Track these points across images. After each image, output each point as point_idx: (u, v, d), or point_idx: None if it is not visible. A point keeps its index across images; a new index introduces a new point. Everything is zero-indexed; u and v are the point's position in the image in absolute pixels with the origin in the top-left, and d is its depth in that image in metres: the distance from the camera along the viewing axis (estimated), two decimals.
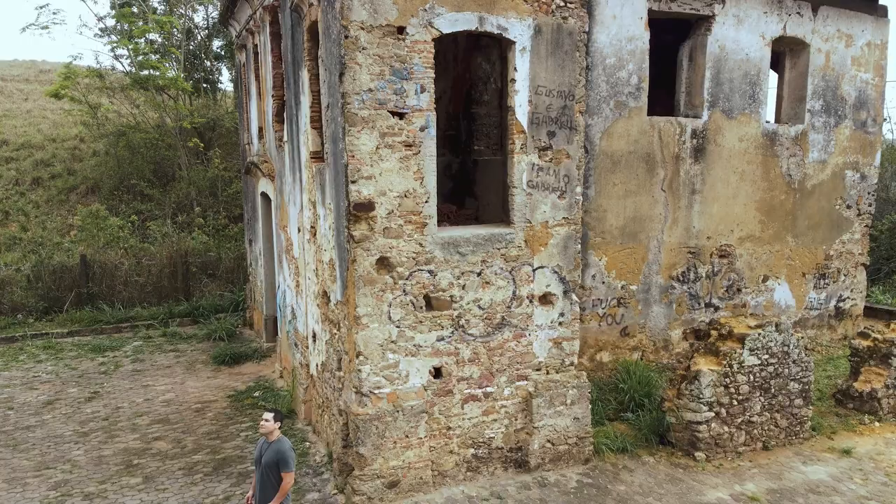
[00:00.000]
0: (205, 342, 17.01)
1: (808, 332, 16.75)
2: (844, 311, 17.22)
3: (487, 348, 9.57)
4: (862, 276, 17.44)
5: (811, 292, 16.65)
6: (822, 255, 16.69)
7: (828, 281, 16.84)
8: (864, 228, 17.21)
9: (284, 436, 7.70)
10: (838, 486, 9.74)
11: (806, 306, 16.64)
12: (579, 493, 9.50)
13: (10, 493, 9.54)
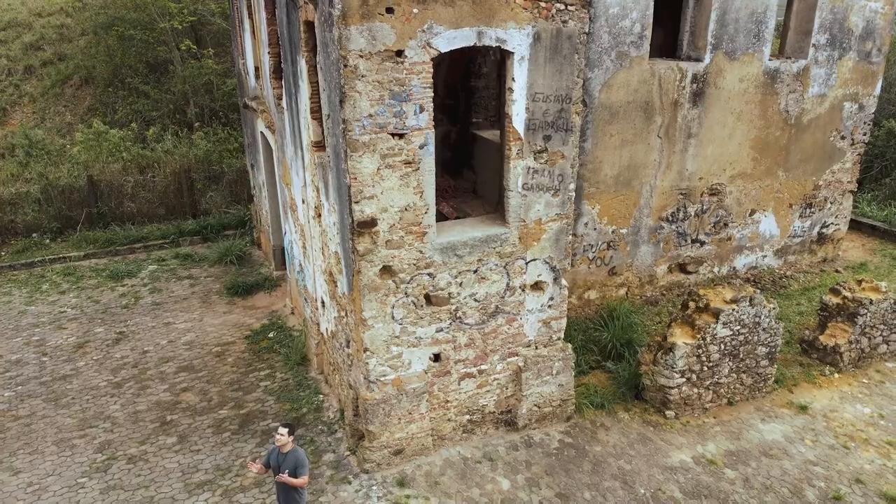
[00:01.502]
0: (217, 266, 17.93)
1: (788, 257, 17.67)
2: (827, 235, 17.97)
3: (482, 333, 10.50)
4: (848, 202, 17.99)
5: (796, 221, 17.31)
6: (811, 185, 17.15)
7: (814, 210, 17.43)
8: (856, 157, 17.50)
9: (299, 445, 8.74)
10: (789, 449, 11.11)
11: (790, 234, 17.38)
12: (560, 454, 10.88)
13: (61, 457, 10.90)
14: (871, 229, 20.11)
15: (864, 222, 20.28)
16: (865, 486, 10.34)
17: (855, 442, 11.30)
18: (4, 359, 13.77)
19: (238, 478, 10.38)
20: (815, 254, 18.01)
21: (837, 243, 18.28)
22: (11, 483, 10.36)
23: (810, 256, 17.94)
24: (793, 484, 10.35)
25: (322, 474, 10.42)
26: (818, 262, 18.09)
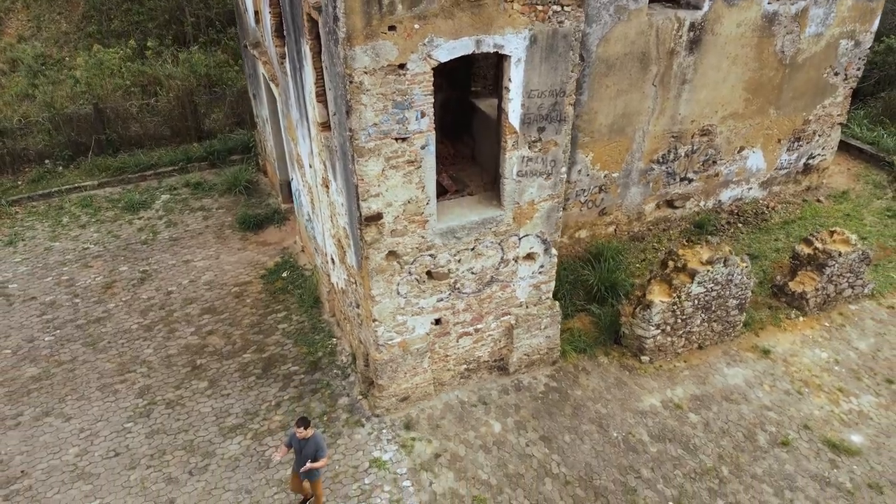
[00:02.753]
0: (227, 196, 18.74)
1: (773, 188, 18.47)
2: (812, 166, 18.65)
3: (478, 299, 11.64)
4: (836, 134, 18.49)
5: (783, 155, 17.94)
6: (800, 121, 17.61)
7: (801, 143, 18.01)
8: (848, 91, 17.80)
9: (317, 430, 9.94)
10: (748, 394, 12.62)
11: (776, 167, 18.07)
12: (545, 398, 12.39)
13: (107, 402, 12.41)
14: (859, 152, 20.67)
15: (852, 145, 20.81)
16: (812, 431, 11.92)
17: (809, 387, 12.80)
18: (39, 300, 15.00)
19: (265, 422, 11.94)
20: (800, 183, 18.78)
21: (822, 172, 18.99)
22: (65, 429, 11.92)
23: (794, 186, 18.71)
24: (747, 428, 11.94)
25: (339, 417, 11.98)
26: (802, 191, 18.89)
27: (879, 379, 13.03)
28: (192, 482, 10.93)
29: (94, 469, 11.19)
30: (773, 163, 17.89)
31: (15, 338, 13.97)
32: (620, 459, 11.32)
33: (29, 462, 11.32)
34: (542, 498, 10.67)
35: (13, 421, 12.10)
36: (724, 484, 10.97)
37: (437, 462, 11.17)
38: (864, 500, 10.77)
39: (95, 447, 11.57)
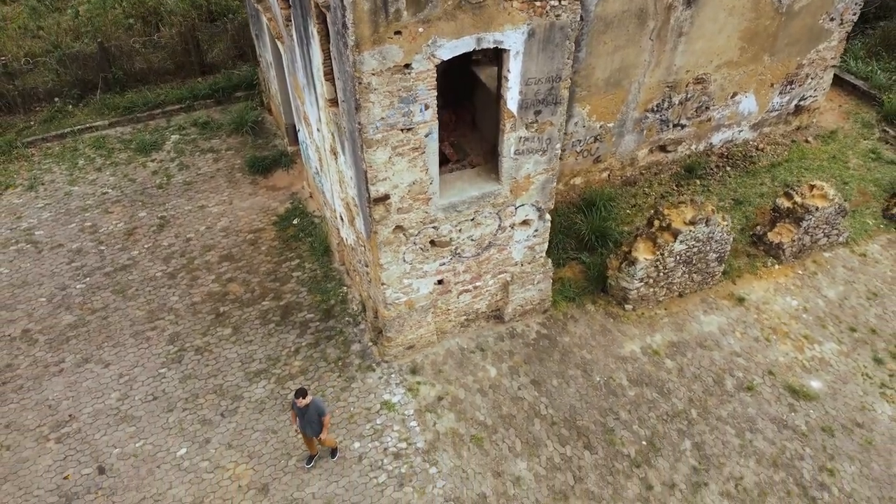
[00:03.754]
0: (234, 136, 19.33)
1: (763, 129, 19.07)
2: (804, 107, 19.15)
3: (477, 262, 12.70)
4: (829, 76, 18.86)
5: (775, 98, 18.43)
6: (794, 65, 17.97)
7: (794, 86, 18.45)
8: (843, 35, 18.01)
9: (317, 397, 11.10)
10: (721, 341, 13.94)
11: (768, 110, 18.61)
12: (537, 344, 13.72)
13: (140, 349, 13.72)
14: (852, 88, 21.04)
15: (846, 80, 21.12)
16: (775, 377, 13.33)
17: (777, 335, 14.11)
18: (66, 248, 16.04)
19: (286, 367, 13.32)
20: (790, 124, 19.35)
21: (813, 112, 19.50)
22: (105, 375, 13.31)
23: (785, 127, 19.30)
24: (717, 374, 13.34)
25: (352, 363, 13.35)
26: (791, 131, 19.48)
27: (843, 327, 14.32)
28: (224, 423, 12.43)
29: (136, 412, 12.66)
30: (765, 106, 18.40)
31: (48, 286, 15.13)
32: (601, 402, 12.78)
33: (75, 406, 12.77)
34: (532, 437, 12.20)
35: (56, 367, 13.47)
36: (692, 425, 12.48)
37: (440, 404, 12.63)
38: (817, 442, 12.31)
39: (135, 391, 13.00)
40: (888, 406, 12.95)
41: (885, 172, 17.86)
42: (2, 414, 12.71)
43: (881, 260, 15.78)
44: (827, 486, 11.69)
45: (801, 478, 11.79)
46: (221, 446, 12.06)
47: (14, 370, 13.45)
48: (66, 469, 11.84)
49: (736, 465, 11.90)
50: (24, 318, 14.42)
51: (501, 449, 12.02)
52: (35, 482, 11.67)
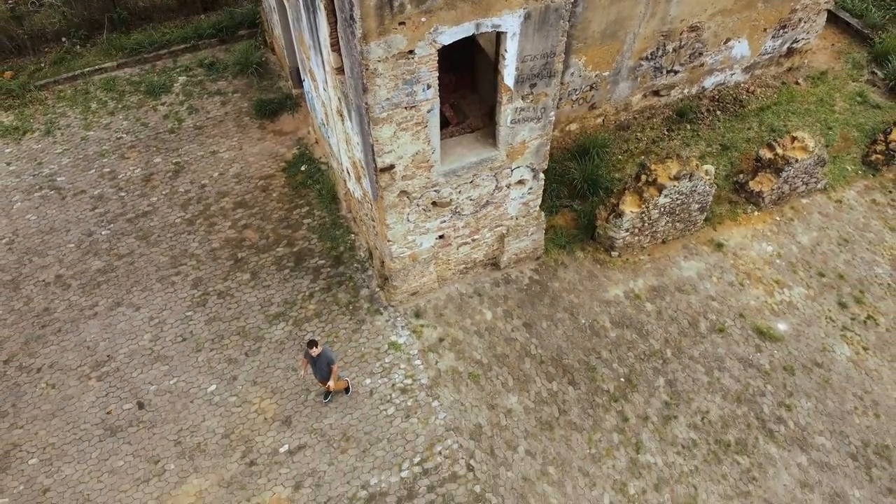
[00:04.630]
0: (240, 78, 19.82)
1: (755, 72, 19.57)
2: (796, 49, 19.57)
3: (475, 218, 13.75)
4: (821, 19, 19.16)
5: (768, 42, 18.84)
6: (787, 10, 18.28)
7: (787, 30, 18.82)
8: None
9: (327, 346, 12.33)
10: (698, 285, 15.19)
11: (760, 53, 19.05)
12: (529, 289, 15.00)
13: (167, 293, 14.99)
14: (846, 26, 21.29)
15: (840, 17, 21.32)
16: (745, 319, 14.67)
17: (750, 280, 15.35)
18: (88, 194, 17.00)
19: (302, 310, 14.65)
20: (782, 65, 19.82)
21: (805, 54, 19.92)
22: (137, 317, 14.64)
23: (776, 68, 19.78)
24: (692, 316, 14.69)
25: (361, 307, 14.67)
26: (783, 72, 19.97)
27: (813, 272, 15.55)
28: (249, 362, 13.88)
29: (167, 352, 14.09)
30: (758, 50, 18.83)
31: (75, 232, 16.22)
32: (585, 343, 14.20)
33: (112, 348, 14.18)
34: (522, 374, 13.69)
35: (91, 311, 14.79)
36: (666, 364, 13.95)
37: (441, 345, 14.05)
38: (778, 380, 13.81)
39: (165, 333, 14.38)
40: (847, 348, 14.37)
41: (869, 117, 18.55)
42: (45, 355, 14.13)
43: (855, 206, 16.81)
44: (784, 420, 13.28)
45: (761, 412, 13.36)
46: (247, 383, 13.56)
47: (52, 314, 14.77)
48: (109, 404, 13.38)
49: (703, 401, 13.45)
50: (55, 264, 15.61)
51: (495, 385, 13.52)
52: (81, 417, 13.23)
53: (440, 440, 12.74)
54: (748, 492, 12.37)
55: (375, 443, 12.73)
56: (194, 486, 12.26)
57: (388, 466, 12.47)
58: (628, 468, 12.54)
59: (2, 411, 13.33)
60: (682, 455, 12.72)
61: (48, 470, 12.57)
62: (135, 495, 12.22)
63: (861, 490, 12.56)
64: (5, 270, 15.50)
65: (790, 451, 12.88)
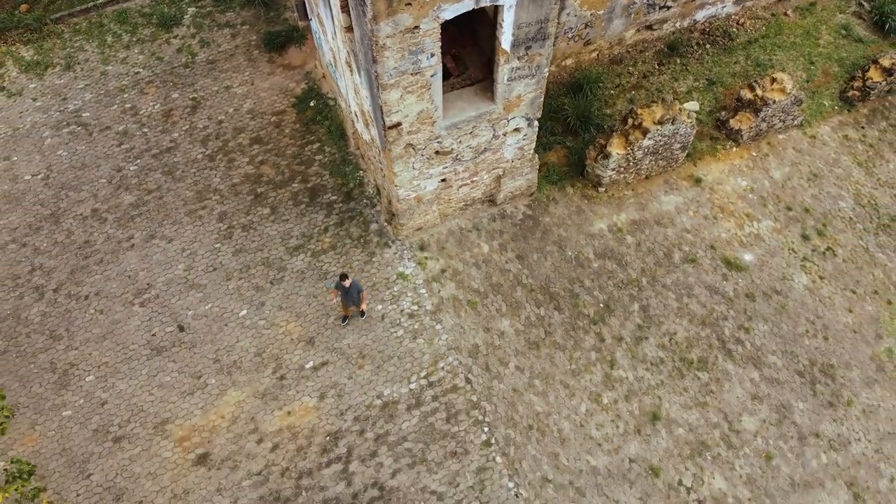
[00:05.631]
0: (247, 9, 20.39)
1: (747, 3, 20.19)
2: None
3: (475, 163, 15.12)
4: None
5: None
6: None
7: None
8: None
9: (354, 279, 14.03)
10: (675, 219, 16.75)
11: None
12: (523, 224, 16.58)
13: (196, 226, 16.56)
14: None
15: None
16: (715, 251, 16.35)
17: (723, 213, 16.90)
18: (113, 130, 18.18)
19: (319, 243, 16.29)
20: None
21: None
22: (170, 249, 16.29)
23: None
24: (668, 248, 16.36)
25: (371, 240, 16.31)
26: (773, 2, 20.56)
27: (781, 206, 17.07)
28: (274, 290, 15.68)
29: (201, 280, 15.86)
30: None
31: (105, 168, 17.58)
32: (571, 272, 15.96)
33: (151, 277, 15.93)
34: (514, 301, 15.54)
35: (128, 243, 16.43)
36: (642, 291, 15.77)
37: (443, 275, 15.81)
38: (740, 306, 15.67)
39: (197, 263, 16.09)
40: (805, 277, 16.14)
41: (851, 51, 19.41)
42: (90, 284, 15.91)
43: (828, 142, 18.08)
44: (742, 342, 15.26)
45: (723, 334, 15.32)
46: (274, 308, 15.43)
47: (92, 246, 16.43)
48: (153, 328, 15.30)
49: (672, 324, 15.38)
50: (90, 199, 17.09)
51: (490, 310, 15.40)
52: (129, 339, 15.18)
53: (443, 357, 14.76)
54: (705, 402, 14.53)
55: (387, 360, 14.76)
56: (233, 397, 14.39)
57: (398, 379, 14.56)
58: (603, 381, 14.65)
59: (57, 335, 15.27)
60: (650, 371, 14.79)
61: (104, 385, 14.66)
62: (182, 405, 14.37)
63: (805, 403, 14.72)
64: (45, 205, 17.00)
65: (745, 368, 14.94)
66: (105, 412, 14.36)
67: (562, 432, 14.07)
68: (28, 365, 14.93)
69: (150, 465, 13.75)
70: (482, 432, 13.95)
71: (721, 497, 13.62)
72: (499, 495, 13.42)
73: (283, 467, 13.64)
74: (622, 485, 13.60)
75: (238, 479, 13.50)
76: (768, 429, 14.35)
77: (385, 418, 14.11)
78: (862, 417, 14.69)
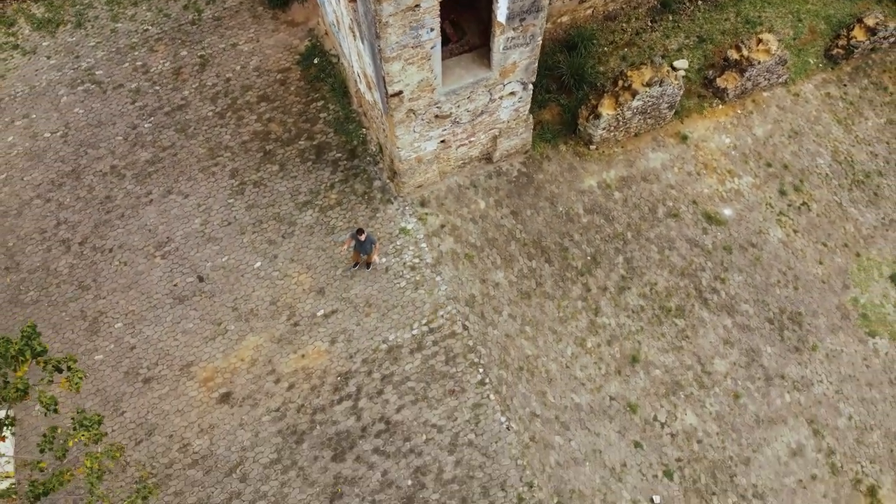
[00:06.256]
0: None
1: None
2: None
3: (472, 125, 16.04)
4: None
5: None
6: None
7: None
8: None
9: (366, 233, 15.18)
10: (661, 175, 17.77)
11: None
12: (517, 181, 17.62)
13: (209, 182, 17.57)
14: None
15: None
16: (697, 206, 17.45)
17: (706, 169, 17.91)
18: (126, 88, 18.95)
19: (325, 199, 17.37)
20: None
21: None
22: (186, 204, 17.36)
23: None
24: (652, 203, 17.45)
25: (375, 196, 17.39)
26: None
27: (762, 162, 18.06)
28: (285, 242, 16.86)
29: (216, 234, 17.02)
30: None
31: (120, 125, 18.46)
32: (561, 227, 17.11)
33: (170, 230, 17.07)
34: (508, 254, 16.76)
35: (147, 198, 17.49)
36: (626, 244, 16.97)
37: (443, 230, 16.96)
38: (717, 258, 16.89)
39: (213, 218, 17.21)
40: (780, 230, 17.31)
41: (839, 9, 19.96)
42: (113, 237, 17.06)
43: (811, 100, 18.91)
44: (717, 291, 16.56)
45: (700, 284, 16.61)
46: (286, 260, 16.65)
47: (113, 201, 17.50)
48: (174, 278, 16.56)
49: (653, 275, 16.64)
50: (108, 156, 18.05)
51: (486, 263, 16.64)
52: (153, 289, 16.45)
53: (442, 306, 16.08)
54: (681, 347, 15.95)
55: (392, 308, 16.09)
56: (252, 342, 15.78)
57: (402, 326, 15.93)
58: (588, 328, 16.03)
59: (85, 285, 16.54)
60: (631, 318, 16.16)
61: (132, 332, 16.03)
62: (205, 349, 15.78)
63: (773, 347, 16.14)
64: (65, 161, 17.98)
65: (719, 316, 16.31)
66: (134, 356, 15.78)
67: (549, 373, 15.54)
68: (60, 313, 16.25)
69: (177, 404, 15.26)
70: (477, 373, 15.41)
71: (692, 431, 15.20)
72: (492, 428, 14.97)
73: (298, 404, 15.16)
74: (602, 419, 15.15)
75: (258, 415, 15.04)
76: (738, 371, 15.82)
77: (390, 361, 15.54)
78: (825, 361, 16.14)
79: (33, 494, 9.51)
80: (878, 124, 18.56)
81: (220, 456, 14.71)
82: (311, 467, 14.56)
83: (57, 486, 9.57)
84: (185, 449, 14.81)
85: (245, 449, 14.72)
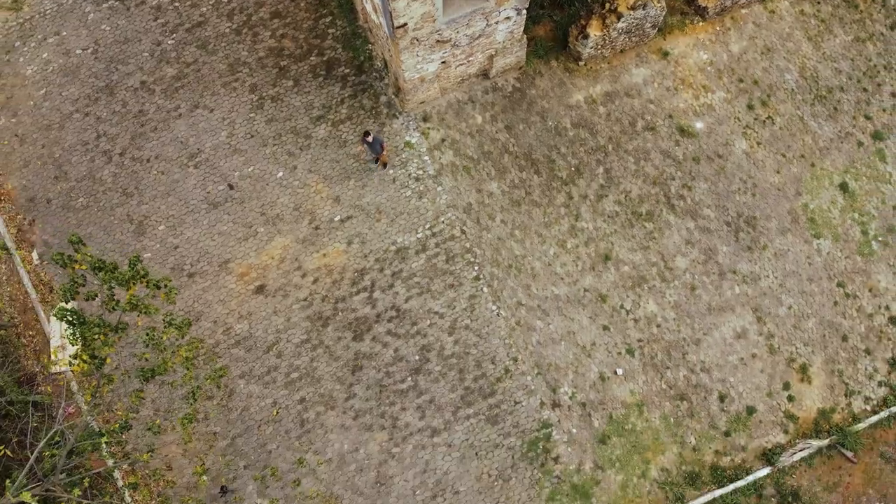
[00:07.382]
0: None
1: None
2: None
3: (470, 47, 17.67)
4: None
5: None
6: None
7: None
8: None
9: (378, 134, 17.18)
10: (642, 90, 19.54)
11: None
12: (511, 96, 19.42)
13: (231, 97, 19.32)
14: None
15: None
16: (672, 119, 19.37)
17: (683, 85, 19.65)
18: (148, 5, 20.18)
19: (337, 113, 19.26)
20: None
21: None
22: (212, 118, 19.24)
23: None
24: (632, 117, 19.37)
25: (381, 112, 19.27)
26: None
27: (734, 78, 19.77)
28: (303, 154, 18.97)
29: (241, 146, 19.07)
30: None
31: (146, 42, 19.95)
32: (550, 141, 19.14)
33: (199, 142, 19.09)
34: (501, 166, 18.91)
35: (175, 112, 19.36)
36: (607, 156, 19.07)
37: (443, 144, 19.01)
38: (686, 168, 19.05)
39: (237, 131, 19.18)
40: (744, 142, 19.34)
41: None
42: (149, 149, 19.10)
43: (785, 17, 20.29)
44: (684, 198, 18.87)
45: (669, 191, 18.88)
46: (305, 171, 18.83)
47: (146, 115, 19.38)
48: (207, 186, 18.80)
49: (628, 184, 18.89)
50: (137, 72, 19.71)
51: (482, 174, 18.84)
52: (188, 195, 18.73)
53: (443, 213, 18.46)
54: (648, 247, 18.49)
55: (399, 215, 18.48)
56: (279, 242, 18.30)
57: (408, 230, 18.39)
58: (568, 231, 18.50)
59: (129, 192, 18.80)
60: (606, 222, 18.59)
61: (174, 233, 18.49)
62: (239, 248, 18.33)
63: (728, 247, 18.67)
64: (99, 77, 19.68)
65: (683, 220, 18.72)
66: (178, 254, 18.34)
67: (534, 270, 18.19)
68: (109, 217, 18.64)
69: (219, 294, 18.01)
70: (473, 270, 18.05)
71: (652, 317, 18.06)
72: (485, 315, 17.82)
73: (322, 295, 17.92)
74: (577, 307, 17.97)
75: (289, 304, 17.84)
76: (696, 267, 18.46)
77: (399, 260, 18.13)
78: (773, 259, 18.73)
79: (143, 377, 12.39)
80: (845, 41, 20.08)
81: (259, 337, 17.65)
82: (335, 346, 17.54)
83: (161, 371, 12.44)
84: (228, 332, 17.72)
85: (279, 331, 17.64)
